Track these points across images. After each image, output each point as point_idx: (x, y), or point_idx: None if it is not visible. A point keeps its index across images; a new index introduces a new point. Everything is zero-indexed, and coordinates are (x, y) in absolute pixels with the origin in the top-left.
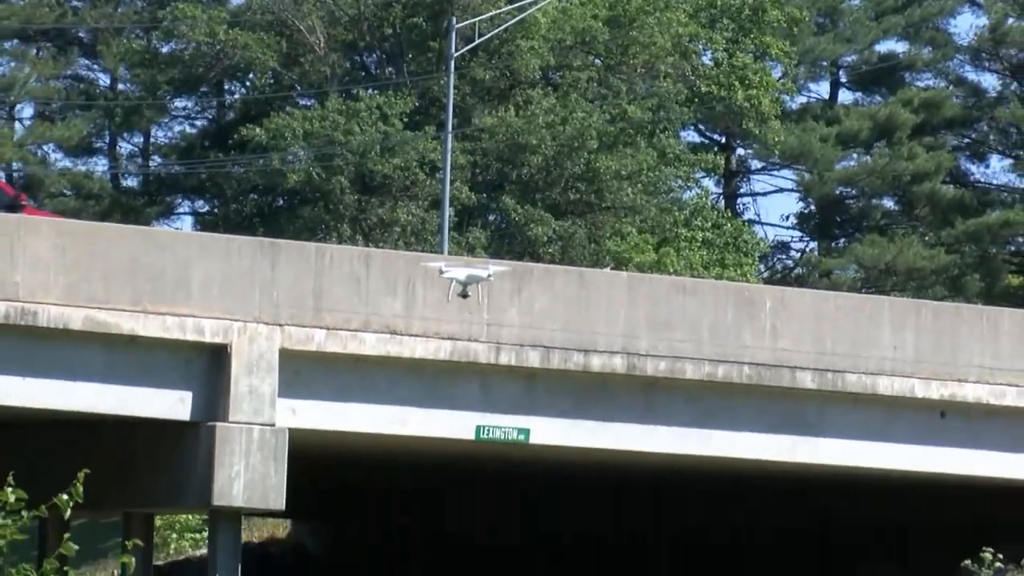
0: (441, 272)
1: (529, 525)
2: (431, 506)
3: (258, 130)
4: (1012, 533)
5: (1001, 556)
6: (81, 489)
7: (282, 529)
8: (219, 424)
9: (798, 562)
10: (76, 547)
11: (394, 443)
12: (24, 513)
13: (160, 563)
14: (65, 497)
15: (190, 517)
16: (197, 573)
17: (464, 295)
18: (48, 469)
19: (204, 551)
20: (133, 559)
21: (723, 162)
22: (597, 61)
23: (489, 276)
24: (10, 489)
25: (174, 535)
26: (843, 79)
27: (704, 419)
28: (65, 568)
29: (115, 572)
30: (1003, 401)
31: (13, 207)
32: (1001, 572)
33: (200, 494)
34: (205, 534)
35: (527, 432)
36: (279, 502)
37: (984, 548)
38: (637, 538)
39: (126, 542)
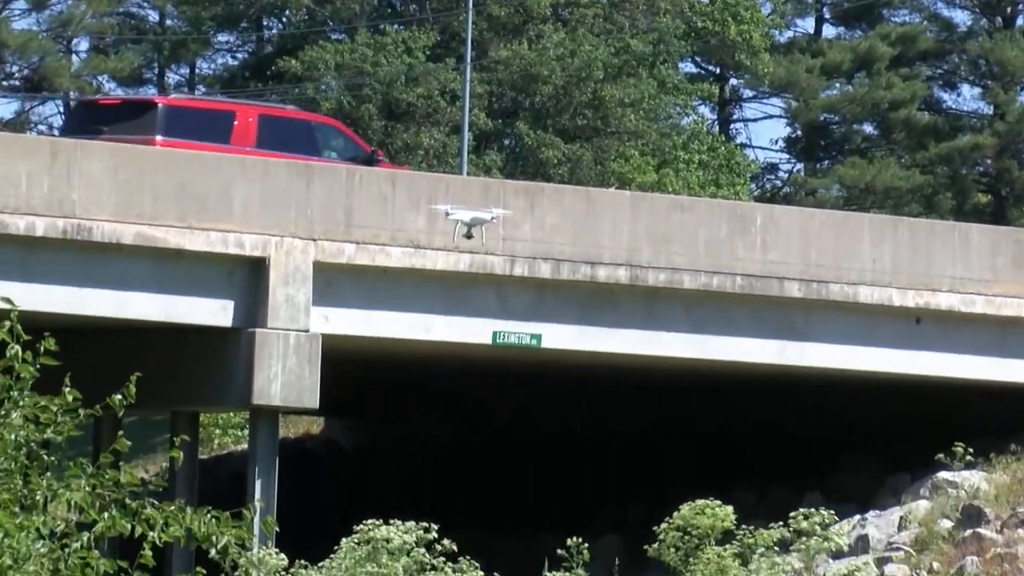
0: (447, 215)
1: (545, 422)
2: (452, 405)
3: (294, 62)
4: (981, 429)
5: (971, 450)
6: (133, 390)
7: (316, 426)
8: (258, 330)
9: (789, 453)
10: (129, 443)
11: (418, 347)
12: (80, 412)
13: (204, 457)
14: (118, 398)
15: (232, 415)
16: (238, 466)
17: (469, 236)
18: (102, 373)
19: (245, 446)
20: (181, 453)
21: (717, 91)
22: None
23: (492, 219)
24: (67, 389)
25: (217, 431)
26: (827, 15)
27: (700, 325)
28: (119, 462)
29: (164, 465)
30: (973, 309)
31: (370, 161)
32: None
33: (241, 394)
34: (246, 431)
35: (539, 337)
36: (313, 401)
37: (956, 443)
38: (641, 431)
39: (174, 438)
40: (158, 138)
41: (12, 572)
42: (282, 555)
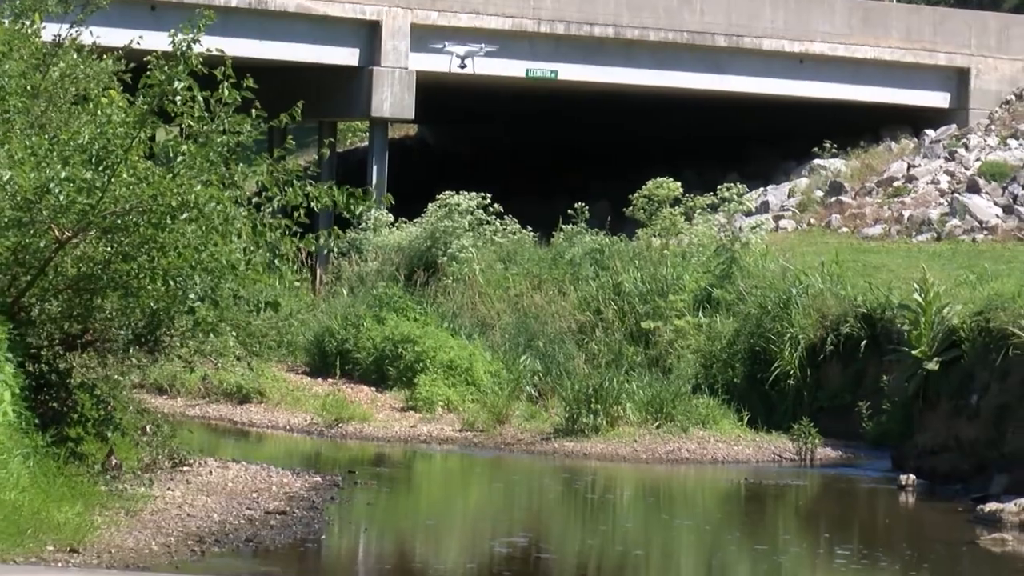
0: (444, 47)
1: (560, 129)
2: (500, 118)
3: None
4: (841, 131)
5: (835, 145)
6: (298, 110)
7: (412, 131)
8: (375, 68)
9: (717, 148)
10: (293, 143)
11: (477, 79)
12: (263, 124)
13: (341, 151)
14: (287, 115)
15: (358, 123)
16: (363, 157)
17: (463, 67)
18: (276, 96)
19: (366, 143)
20: (327, 151)
21: None
22: None
23: (481, 50)
24: (255, 110)
25: (350, 134)
26: None
27: (660, 64)
28: (285, 156)
29: (314, 158)
30: (836, 53)
31: None
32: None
33: (364, 109)
34: (367, 133)
35: (556, 72)
36: (410, 114)
37: (825, 140)
38: (622, 135)
39: (322, 140)
40: None
41: (223, 226)
42: (390, 215)
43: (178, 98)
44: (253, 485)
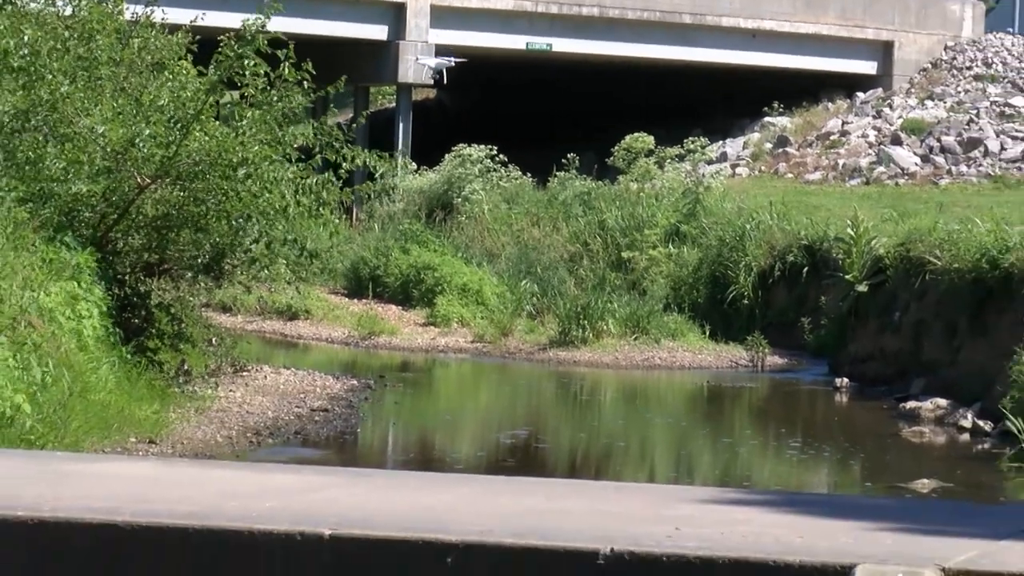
0: (417, 59)
1: (555, 93)
2: (504, 83)
3: None
4: (787, 93)
5: (782, 104)
6: (340, 83)
7: (433, 94)
8: (401, 41)
9: (684, 108)
10: (335, 108)
11: (484, 51)
12: (312, 94)
13: (372, 111)
14: (332, 88)
15: (387, 88)
16: (391, 115)
17: (434, 77)
18: (318, 65)
19: (393, 105)
20: (364, 119)
21: None
22: None
23: (451, 63)
24: (306, 83)
25: (380, 97)
26: None
27: (637, 39)
28: (327, 116)
29: (350, 114)
30: (784, 29)
31: None
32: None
33: (392, 76)
34: (394, 96)
35: (551, 45)
36: (430, 79)
37: (773, 101)
38: (607, 98)
39: (357, 103)
40: None
41: (273, 184)
42: (413, 164)
43: (247, 72)
44: (300, 387)
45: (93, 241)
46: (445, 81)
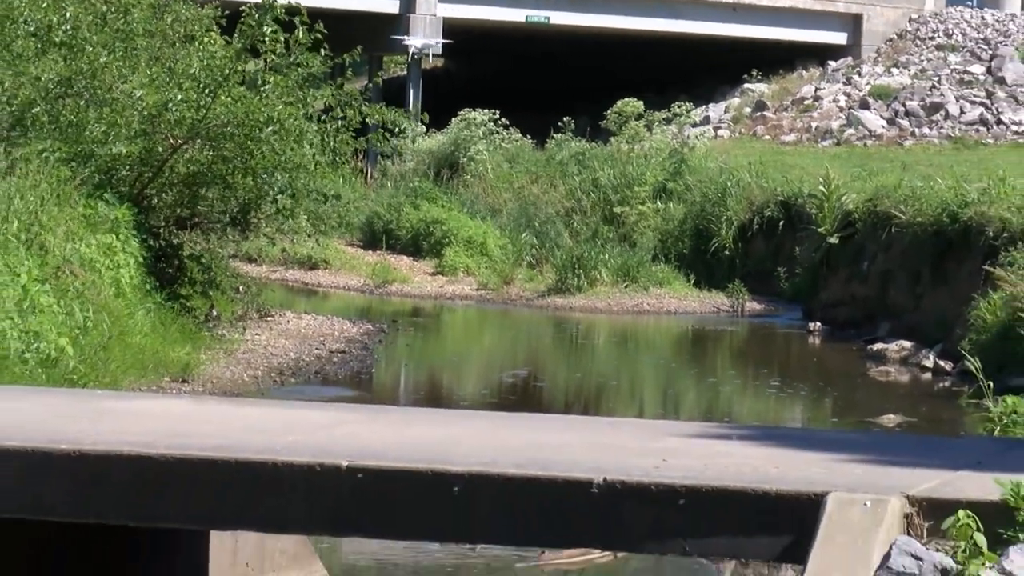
0: (403, 42)
1: (553, 64)
2: (506, 54)
3: None
4: (765, 61)
5: (760, 72)
6: (356, 53)
7: (442, 62)
8: (411, 15)
9: (671, 75)
10: (352, 74)
11: (487, 24)
12: (329, 61)
13: (386, 77)
14: (348, 56)
15: (400, 56)
16: (402, 82)
17: (419, 57)
18: (337, 36)
19: (405, 72)
20: (379, 79)
21: None
22: None
23: (436, 44)
24: (323, 49)
25: (392, 65)
26: None
27: (629, 12)
28: (345, 80)
29: (366, 82)
30: (762, 3)
31: None
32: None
33: (403, 46)
34: (406, 65)
35: (549, 17)
36: (439, 50)
37: (752, 68)
38: (602, 68)
39: (372, 70)
40: None
41: (297, 139)
42: (423, 127)
43: (266, 39)
44: (320, 331)
45: (130, 197)
46: (431, 61)
